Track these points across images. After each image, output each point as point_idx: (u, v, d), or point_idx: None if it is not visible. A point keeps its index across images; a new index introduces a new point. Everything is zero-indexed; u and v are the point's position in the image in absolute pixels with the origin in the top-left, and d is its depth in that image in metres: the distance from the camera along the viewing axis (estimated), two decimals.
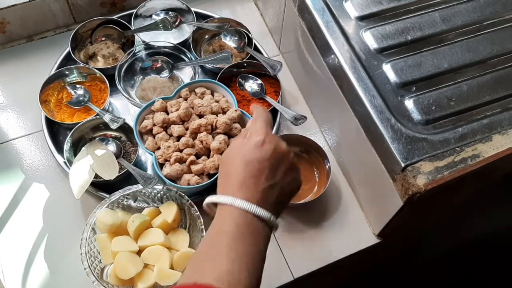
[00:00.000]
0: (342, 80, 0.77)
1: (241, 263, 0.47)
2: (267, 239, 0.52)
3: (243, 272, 0.47)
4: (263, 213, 0.50)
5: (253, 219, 0.50)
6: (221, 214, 0.51)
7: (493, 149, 0.69)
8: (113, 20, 0.98)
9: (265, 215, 0.50)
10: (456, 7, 0.83)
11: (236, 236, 0.49)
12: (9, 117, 0.93)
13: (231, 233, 0.49)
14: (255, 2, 1.10)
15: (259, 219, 0.50)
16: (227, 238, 0.48)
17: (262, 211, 0.50)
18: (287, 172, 0.54)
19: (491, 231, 1.34)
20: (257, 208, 0.50)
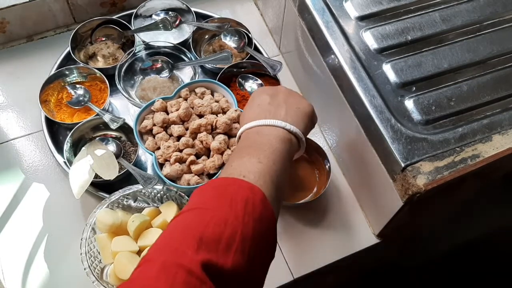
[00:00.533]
0: (342, 80, 0.77)
1: (281, 175, 0.55)
2: (290, 151, 0.60)
3: (283, 184, 0.57)
4: (292, 128, 0.61)
5: (288, 134, 0.60)
6: (259, 135, 0.60)
7: (493, 149, 0.69)
8: (113, 20, 0.98)
9: (295, 130, 0.61)
10: (456, 7, 0.83)
11: (278, 148, 0.57)
12: (9, 117, 0.93)
13: (276, 147, 0.57)
14: (255, 2, 1.10)
15: (292, 134, 0.61)
16: (273, 152, 0.56)
17: (292, 127, 0.61)
18: (288, 96, 0.66)
19: (491, 231, 1.34)
20: (288, 124, 0.60)
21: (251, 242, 0.45)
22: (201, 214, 0.45)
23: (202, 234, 0.43)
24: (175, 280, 0.39)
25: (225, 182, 0.50)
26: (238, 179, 0.50)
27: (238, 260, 0.43)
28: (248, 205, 0.47)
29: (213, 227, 0.44)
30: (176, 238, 0.44)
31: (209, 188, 0.50)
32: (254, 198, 0.48)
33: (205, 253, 0.42)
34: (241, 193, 0.48)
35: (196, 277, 0.40)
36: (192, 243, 0.42)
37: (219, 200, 0.47)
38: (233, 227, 0.44)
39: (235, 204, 0.46)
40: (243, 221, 0.45)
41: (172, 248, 0.42)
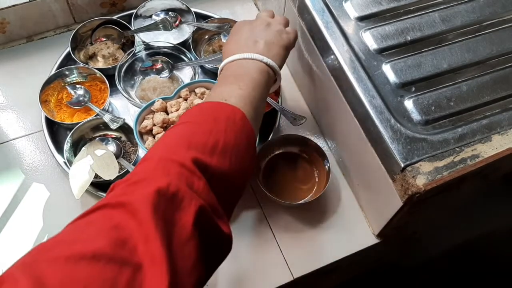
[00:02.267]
0: (342, 80, 0.77)
1: (258, 100, 0.61)
2: (267, 81, 0.66)
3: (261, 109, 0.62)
4: (270, 62, 0.66)
5: (266, 67, 0.65)
6: (239, 67, 0.65)
7: (492, 150, 0.69)
8: (113, 21, 0.98)
9: (272, 64, 0.66)
10: (456, 8, 0.83)
11: (256, 78, 0.63)
12: (9, 117, 0.93)
13: (254, 77, 0.63)
14: (254, 3, 1.10)
15: (270, 67, 0.66)
16: (251, 80, 0.62)
17: (269, 60, 0.66)
18: (267, 28, 0.71)
19: (491, 231, 1.34)
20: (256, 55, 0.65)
21: (232, 149, 0.52)
22: (190, 126, 0.53)
23: (191, 139, 0.50)
24: (170, 171, 0.45)
25: (210, 105, 0.57)
26: (221, 102, 0.57)
27: (220, 161, 0.50)
28: (229, 121, 0.54)
29: (200, 135, 0.51)
30: (170, 142, 0.51)
31: (196, 109, 0.57)
32: (235, 117, 0.55)
33: (194, 152, 0.48)
34: (224, 113, 0.55)
35: (188, 168, 0.46)
36: (183, 145, 0.49)
37: (205, 117, 0.55)
38: (216, 136, 0.51)
39: (218, 120, 0.54)
40: (225, 133, 0.52)
41: (166, 149, 0.49)
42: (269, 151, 0.88)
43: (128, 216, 0.39)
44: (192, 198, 0.43)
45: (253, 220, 0.85)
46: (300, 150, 0.89)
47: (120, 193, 0.42)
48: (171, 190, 0.42)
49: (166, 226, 0.39)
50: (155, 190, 0.41)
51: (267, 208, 0.86)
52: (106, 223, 0.38)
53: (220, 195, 0.49)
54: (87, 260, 0.34)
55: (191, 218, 0.41)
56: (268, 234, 0.84)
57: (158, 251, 0.37)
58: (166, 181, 0.42)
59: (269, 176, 0.87)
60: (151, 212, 0.39)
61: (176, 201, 0.41)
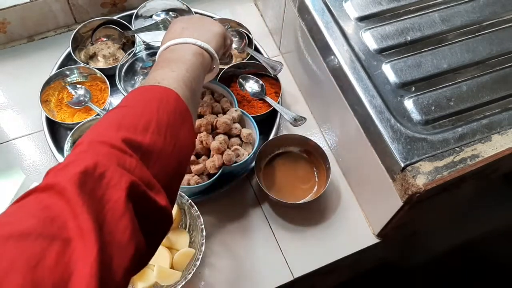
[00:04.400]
0: (342, 80, 0.77)
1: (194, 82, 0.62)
2: (202, 63, 0.67)
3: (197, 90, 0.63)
4: (203, 44, 0.67)
5: (200, 49, 0.66)
6: (173, 52, 0.66)
7: (492, 149, 0.69)
8: (114, 21, 0.98)
9: (206, 46, 0.67)
10: (456, 8, 0.83)
11: (189, 60, 0.64)
12: (10, 117, 0.93)
13: (187, 59, 0.64)
14: (255, 3, 1.10)
15: (204, 50, 0.67)
16: (185, 63, 0.63)
17: (202, 43, 0.67)
18: (199, 19, 0.74)
19: (491, 231, 1.34)
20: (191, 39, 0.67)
21: (166, 128, 0.52)
22: (122, 110, 0.53)
23: (121, 121, 0.50)
24: (99, 152, 0.46)
25: (143, 89, 0.58)
26: (153, 85, 0.57)
27: (154, 139, 0.50)
28: (162, 102, 0.55)
29: (131, 117, 0.51)
30: (101, 126, 0.51)
31: (130, 93, 0.57)
32: (168, 97, 0.56)
33: (124, 133, 0.49)
34: (156, 95, 0.56)
35: (118, 148, 0.47)
36: (113, 127, 0.49)
37: (137, 100, 0.55)
38: (148, 117, 0.52)
39: (150, 102, 0.54)
40: (158, 113, 0.53)
41: (96, 132, 0.49)
42: (269, 151, 0.88)
43: (57, 196, 0.40)
44: (122, 175, 0.44)
45: (253, 220, 0.85)
46: (300, 150, 0.89)
47: (50, 177, 0.43)
48: (100, 170, 0.43)
49: (96, 203, 0.41)
50: (81, 170, 0.42)
51: (267, 208, 0.86)
52: (36, 205, 0.40)
53: (159, 170, 0.50)
54: (14, 239, 0.36)
55: (123, 194, 0.42)
56: (268, 234, 0.84)
57: (86, 225, 0.38)
58: (93, 161, 0.43)
59: (269, 175, 0.87)
60: (77, 190, 0.40)
61: (105, 179, 0.43)
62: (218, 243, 0.83)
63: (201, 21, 0.74)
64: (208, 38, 0.69)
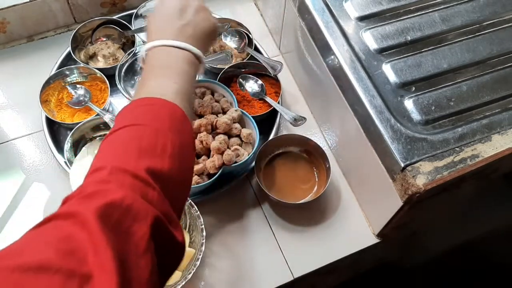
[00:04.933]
0: (342, 80, 0.77)
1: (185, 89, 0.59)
2: (195, 73, 0.64)
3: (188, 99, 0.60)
4: (198, 52, 0.63)
5: (194, 58, 0.63)
6: (169, 56, 0.62)
7: (492, 149, 0.69)
8: (114, 20, 0.98)
9: (200, 54, 0.63)
10: (456, 8, 0.83)
11: (187, 71, 0.61)
12: (10, 117, 0.93)
13: (186, 69, 0.61)
14: (255, 3, 1.10)
15: (196, 57, 0.63)
16: (172, 70, 0.60)
17: (197, 51, 0.63)
18: (196, 12, 0.66)
19: (491, 231, 1.34)
20: (174, 41, 0.62)
21: (179, 149, 0.52)
22: (136, 129, 0.51)
23: (139, 144, 0.49)
24: (124, 182, 0.44)
25: (150, 102, 0.55)
26: (160, 98, 0.55)
27: (172, 164, 0.49)
28: (172, 120, 0.54)
29: (148, 138, 0.50)
30: (118, 149, 0.49)
31: (137, 106, 0.55)
32: (176, 114, 0.55)
33: (146, 160, 0.47)
34: (165, 111, 0.54)
35: (141, 179, 0.45)
36: (133, 152, 0.48)
37: (148, 116, 0.53)
38: (164, 137, 0.51)
39: (162, 119, 0.53)
40: (171, 133, 0.52)
41: (116, 157, 0.48)
42: (269, 151, 0.88)
43: (78, 227, 0.38)
44: (148, 210, 0.43)
45: (253, 220, 0.85)
46: (300, 150, 0.89)
47: (73, 204, 0.42)
48: (126, 203, 0.41)
49: (120, 238, 0.39)
50: (107, 202, 0.40)
51: (267, 208, 0.86)
52: (55, 234, 0.38)
53: (173, 199, 0.49)
54: (33, 271, 0.34)
55: (147, 230, 0.41)
56: (268, 234, 0.84)
57: (108, 261, 0.37)
58: (120, 194, 0.42)
59: (269, 175, 0.87)
60: (100, 223, 0.38)
61: (131, 213, 0.41)
62: (218, 243, 0.83)
63: (198, 12, 0.68)
64: (200, 41, 0.66)
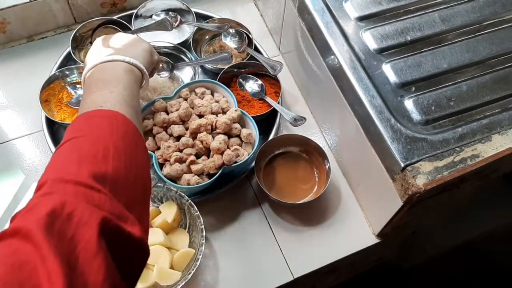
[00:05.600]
0: (342, 80, 0.77)
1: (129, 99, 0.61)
2: (136, 79, 0.67)
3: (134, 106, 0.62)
4: (132, 60, 0.67)
5: (129, 66, 0.67)
6: (103, 71, 0.65)
7: (492, 149, 0.69)
8: (114, 21, 0.98)
9: (134, 61, 0.67)
10: (456, 8, 0.83)
11: (123, 78, 0.64)
12: (10, 117, 0.93)
13: (121, 77, 0.64)
14: (255, 3, 1.10)
15: (133, 66, 0.67)
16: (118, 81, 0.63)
17: (131, 59, 0.67)
18: (130, 39, 0.72)
19: (491, 231, 1.34)
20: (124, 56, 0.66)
21: (124, 151, 0.52)
22: (75, 142, 0.52)
23: (80, 153, 0.49)
24: (65, 192, 0.44)
25: (89, 114, 0.57)
26: (98, 110, 0.57)
27: (117, 166, 0.49)
28: (113, 126, 0.54)
29: (88, 147, 0.50)
30: (59, 163, 0.50)
31: (76, 121, 0.57)
32: (117, 120, 0.56)
33: (88, 167, 0.47)
34: (104, 120, 0.56)
35: (84, 184, 0.45)
36: (74, 162, 0.48)
37: (88, 127, 0.54)
38: (104, 143, 0.51)
39: (101, 128, 0.54)
40: (112, 137, 0.52)
41: (57, 170, 0.48)
42: (269, 151, 0.88)
43: (24, 240, 0.39)
44: (92, 212, 0.42)
45: (253, 220, 0.85)
46: (300, 150, 0.89)
47: (16, 221, 0.42)
48: (67, 209, 0.41)
49: (66, 244, 0.39)
50: (48, 212, 0.40)
51: (267, 208, 0.86)
52: (3, 251, 0.38)
53: (128, 197, 0.49)
54: None
55: (94, 232, 0.41)
56: (268, 234, 0.84)
57: (55, 268, 0.37)
58: (60, 201, 0.42)
59: (269, 176, 0.87)
60: (44, 233, 0.38)
61: (74, 218, 0.41)
62: (218, 243, 0.83)
63: (125, 38, 0.73)
64: (135, 54, 0.69)
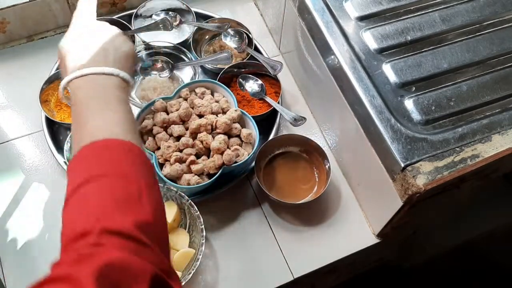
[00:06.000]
0: (342, 80, 0.77)
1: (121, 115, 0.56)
2: (127, 98, 0.61)
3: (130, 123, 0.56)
4: (125, 75, 0.60)
5: (122, 82, 0.60)
6: (98, 85, 0.58)
7: (492, 149, 0.69)
8: (113, 20, 0.98)
9: (127, 77, 0.61)
10: (456, 7, 0.83)
11: (122, 98, 0.58)
12: (9, 117, 0.93)
13: (119, 97, 0.58)
14: (255, 3, 1.10)
15: (124, 81, 0.61)
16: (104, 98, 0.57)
17: (124, 74, 0.60)
18: (115, 37, 0.64)
19: (491, 231, 1.34)
20: (103, 68, 0.59)
21: (152, 189, 0.50)
22: (104, 182, 0.48)
23: (114, 197, 0.46)
24: (116, 244, 0.42)
25: (102, 145, 0.52)
26: (111, 139, 0.52)
27: (153, 209, 0.47)
28: (133, 160, 0.51)
29: (121, 189, 0.47)
30: (96, 209, 0.45)
31: (90, 155, 0.52)
32: (134, 153, 0.52)
33: (129, 213, 0.45)
34: (121, 152, 0.52)
35: (133, 238, 0.43)
36: (112, 208, 0.45)
37: (110, 163, 0.50)
38: (135, 182, 0.48)
39: (123, 162, 0.50)
40: (137, 175, 0.49)
41: (100, 216, 0.44)
42: (269, 151, 0.88)
43: None
44: (145, 269, 0.41)
45: (253, 220, 0.85)
46: (300, 150, 0.89)
47: (63, 269, 0.41)
48: (122, 264, 0.40)
49: None
50: (103, 264, 0.39)
51: (267, 208, 0.86)
52: None
53: (163, 240, 0.48)
54: None
55: None
56: (268, 234, 0.84)
57: None
58: (115, 255, 0.41)
59: (269, 175, 0.87)
60: (95, 285, 0.37)
61: (128, 274, 0.40)
62: (218, 243, 0.83)
63: (114, 38, 0.64)
64: (124, 64, 0.62)
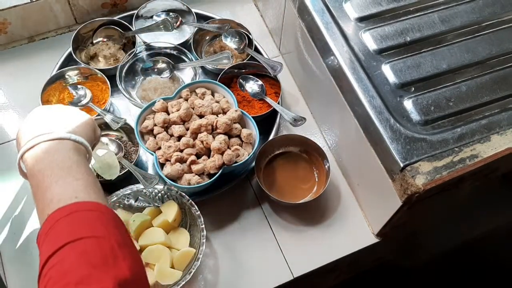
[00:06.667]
0: (342, 80, 0.77)
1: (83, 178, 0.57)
2: (87, 161, 0.62)
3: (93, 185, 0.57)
4: (78, 138, 0.61)
5: (77, 145, 0.60)
6: (52, 153, 0.58)
7: (491, 150, 0.69)
8: (114, 21, 0.98)
9: (81, 140, 0.61)
10: (455, 8, 0.83)
11: (79, 161, 0.59)
12: (11, 117, 0.94)
13: (76, 160, 0.58)
14: (255, 3, 1.10)
15: (79, 144, 0.61)
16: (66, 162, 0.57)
17: (77, 137, 0.61)
18: (64, 109, 0.66)
19: (490, 231, 1.34)
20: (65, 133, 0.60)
21: (125, 245, 0.51)
22: (78, 247, 0.49)
23: (92, 260, 0.47)
24: None
25: (70, 209, 0.52)
26: (76, 203, 0.53)
27: (129, 264, 0.49)
28: (102, 220, 0.53)
29: (96, 250, 0.48)
30: (72, 275, 0.46)
31: (63, 223, 0.52)
32: (101, 212, 0.53)
33: (106, 275, 0.46)
34: (90, 214, 0.53)
35: None
36: (88, 269, 0.47)
37: (81, 227, 0.51)
38: (108, 239, 0.50)
39: (93, 224, 0.52)
40: (109, 233, 0.51)
41: (82, 280, 0.46)
42: (269, 151, 0.88)
43: None
44: None
45: (253, 220, 0.85)
46: (300, 150, 0.89)
47: None
48: None
49: None
50: None
51: (267, 208, 0.86)
52: None
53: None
54: None
55: None
56: (268, 233, 0.84)
57: None
58: None
59: (269, 175, 0.87)
60: None
61: None
62: (218, 243, 0.83)
63: (65, 109, 0.66)
64: (79, 129, 0.62)
